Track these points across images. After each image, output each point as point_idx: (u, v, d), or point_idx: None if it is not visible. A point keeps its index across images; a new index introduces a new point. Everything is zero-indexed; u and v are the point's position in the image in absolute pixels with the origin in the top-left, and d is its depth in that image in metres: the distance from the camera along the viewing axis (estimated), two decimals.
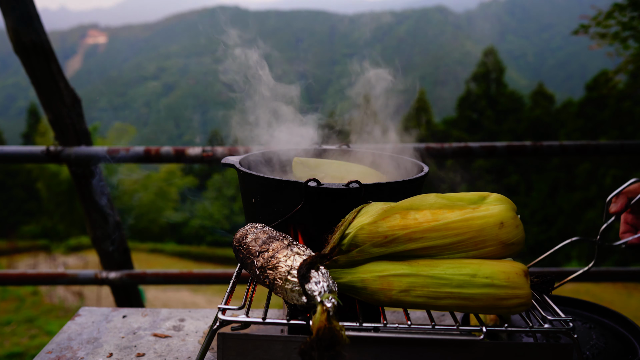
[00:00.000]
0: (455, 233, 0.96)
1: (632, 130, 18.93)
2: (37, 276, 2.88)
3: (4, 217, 28.31)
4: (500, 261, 0.97)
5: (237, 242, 1.06)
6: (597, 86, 21.81)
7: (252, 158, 1.42)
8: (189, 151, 2.51)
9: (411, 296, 0.93)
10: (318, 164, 1.42)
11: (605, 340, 1.31)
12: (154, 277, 2.82)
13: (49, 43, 2.47)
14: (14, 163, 5.02)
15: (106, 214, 2.82)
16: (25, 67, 2.48)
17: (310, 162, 1.42)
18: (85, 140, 2.64)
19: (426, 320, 1.55)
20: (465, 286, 0.92)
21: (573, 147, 2.70)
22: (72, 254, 21.64)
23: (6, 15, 2.36)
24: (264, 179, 1.13)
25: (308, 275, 0.83)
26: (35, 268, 17.25)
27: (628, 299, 11.33)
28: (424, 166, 1.29)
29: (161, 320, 1.51)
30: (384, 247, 0.95)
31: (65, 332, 1.42)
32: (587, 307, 1.47)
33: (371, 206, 1.01)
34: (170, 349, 1.34)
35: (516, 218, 1.00)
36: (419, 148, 2.56)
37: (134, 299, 3.01)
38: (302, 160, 1.42)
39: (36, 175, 25.71)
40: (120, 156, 2.53)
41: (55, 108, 2.54)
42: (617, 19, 4.21)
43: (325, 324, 0.74)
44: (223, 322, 0.92)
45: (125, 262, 2.93)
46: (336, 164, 1.43)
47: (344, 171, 1.41)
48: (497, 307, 0.93)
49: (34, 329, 8.55)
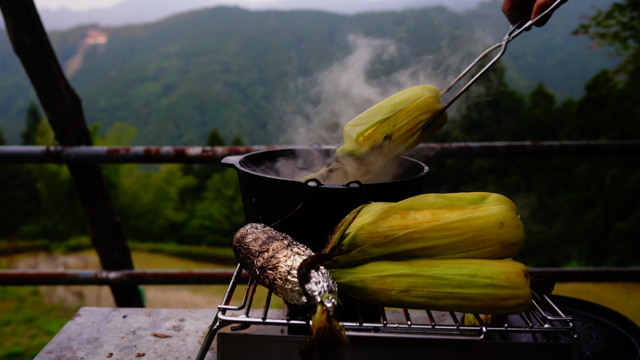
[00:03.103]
0: (455, 233, 0.96)
1: (632, 130, 18.92)
2: (37, 276, 2.88)
3: (4, 217, 28.33)
4: (500, 261, 0.97)
5: (237, 242, 1.06)
6: (597, 86, 21.79)
7: (252, 158, 1.42)
8: (189, 151, 2.51)
9: (411, 296, 0.93)
10: (369, 114, 1.37)
11: (605, 340, 1.31)
12: (154, 277, 2.82)
13: (49, 43, 2.47)
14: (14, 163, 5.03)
15: (106, 214, 2.82)
16: (25, 67, 2.48)
17: (363, 117, 1.37)
18: (85, 140, 2.64)
19: (426, 320, 1.55)
20: (465, 286, 0.92)
21: (573, 147, 2.70)
22: (72, 254, 21.65)
23: (6, 15, 2.36)
24: (264, 179, 1.13)
25: (308, 275, 0.83)
26: (35, 268, 17.26)
27: (628, 299, 11.33)
28: (424, 166, 1.29)
29: (161, 320, 1.51)
30: (384, 247, 0.95)
31: (65, 332, 1.42)
32: (587, 307, 1.47)
33: (371, 206, 1.01)
34: (170, 349, 1.34)
35: (516, 218, 1.00)
36: (419, 148, 2.56)
37: (134, 299, 3.01)
38: (352, 123, 1.37)
39: (36, 175, 25.72)
40: (120, 156, 2.53)
41: (55, 108, 2.54)
42: (617, 19, 4.21)
43: (325, 324, 0.74)
44: (223, 322, 0.92)
45: (125, 262, 2.93)
46: (384, 102, 1.38)
47: (393, 106, 1.35)
48: (497, 307, 0.93)
49: (34, 329, 8.55)
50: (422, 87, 1.35)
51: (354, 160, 1.32)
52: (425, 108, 1.31)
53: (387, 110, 1.31)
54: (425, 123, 1.31)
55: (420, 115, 1.31)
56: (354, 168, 1.33)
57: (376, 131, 1.30)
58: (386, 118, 1.30)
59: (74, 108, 2.59)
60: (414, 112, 1.31)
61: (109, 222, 2.83)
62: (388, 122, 1.30)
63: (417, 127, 1.31)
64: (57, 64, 2.52)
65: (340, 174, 1.37)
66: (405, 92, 1.36)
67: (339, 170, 1.38)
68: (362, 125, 1.32)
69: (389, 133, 1.28)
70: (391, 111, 1.30)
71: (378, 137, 1.29)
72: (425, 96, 1.32)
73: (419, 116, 1.30)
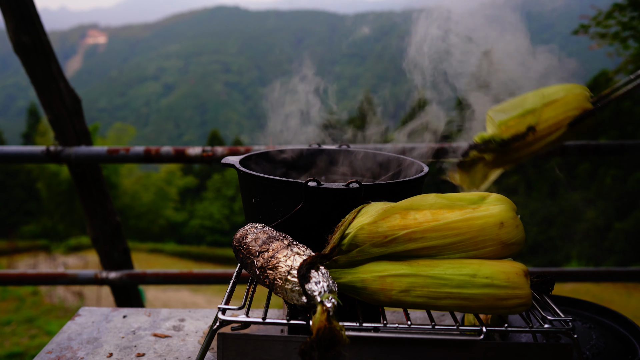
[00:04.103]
0: (455, 233, 0.96)
1: (632, 130, 18.90)
2: (37, 276, 2.88)
3: (4, 217, 28.31)
4: (500, 261, 0.97)
5: (237, 242, 1.06)
6: (597, 86, 21.78)
7: (252, 158, 1.42)
8: (189, 151, 2.51)
9: (411, 296, 0.93)
10: (515, 103, 1.33)
11: (605, 340, 1.31)
12: (154, 277, 2.81)
13: (49, 43, 2.47)
14: (14, 163, 5.02)
15: (106, 214, 2.82)
16: (25, 67, 2.48)
17: (505, 106, 1.34)
18: (85, 140, 2.64)
19: (426, 320, 1.55)
20: (465, 286, 0.92)
21: (573, 147, 2.70)
22: (72, 254, 21.65)
23: (6, 15, 2.36)
24: (264, 179, 1.13)
25: (308, 275, 0.83)
26: (35, 268, 17.25)
27: (628, 299, 11.32)
28: (424, 166, 1.29)
29: (161, 320, 1.51)
30: (384, 247, 0.95)
31: (65, 332, 1.42)
32: (587, 307, 1.47)
33: (371, 206, 1.01)
34: (170, 349, 1.34)
35: (516, 218, 1.00)
36: (419, 148, 2.56)
37: (134, 299, 3.01)
38: (496, 109, 1.34)
39: (36, 175, 25.73)
40: (120, 156, 2.53)
41: (55, 108, 2.54)
42: (617, 19, 4.21)
43: (325, 324, 0.74)
44: (223, 322, 0.92)
45: (125, 262, 2.93)
46: (531, 95, 1.34)
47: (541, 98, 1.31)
48: (497, 307, 0.93)
49: (34, 329, 8.55)
50: (573, 84, 1.31)
51: (493, 147, 1.27)
52: (575, 104, 1.27)
53: (535, 101, 1.27)
54: (574, 119, 1.25)
55: (568, 111, 1.26)
56: (493, 157, 1.28)
57: (520, 121, 1.25)
58: (533, 109, 1.25)
59: (74, 108, 2.59)
60: (562, 106, 1.26)
61: (109, 222, 2.83)
62: (534, 113, 1.25)
63: (563, 122, 1.26)
64: (57, 64, 2.52)
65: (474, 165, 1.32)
66: (555, 86, 1.31)
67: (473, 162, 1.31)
68: (507, 112, 1.28)
69: (534, 124, 1.23)
70: (539, 102, 1.26)
71: (522, 128, 1.24)
72: (576, 92, 1.28)
73: (567, 111, 1.26)
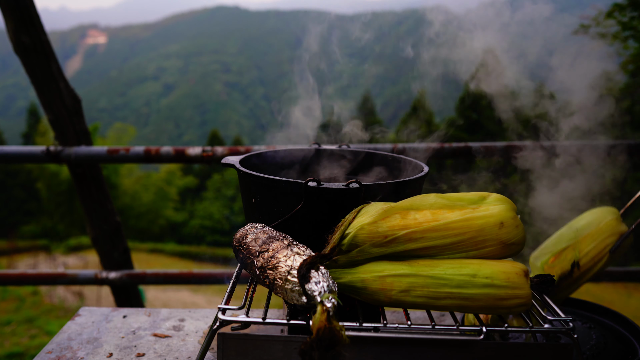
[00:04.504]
0: (455, 233, 0.96)
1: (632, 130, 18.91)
2: (37, 276, 2.88)
3: (4, 217, 28.30)
4: (500, 261, 0.97)
5: (237, 242, 1.06)
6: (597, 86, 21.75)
7: (252, 158, 1.42)
8: (189, 151, 2.51)
9: (411, 296, 0.93)
10: (551, 243, 1.39)
11: (605, 340, 1.31)
12: (154, 277, 2.81)
13: (49, 43, 2.47)
14: (14, 163, 5.02)
15: (106, 214, 2.82)
16: (25, 67, 2.48)
17: (546, 246, 1.40)
18: (85, 140, 2.64)
19: (426, 320, 1.55)
20: (465, 286, 0.92)
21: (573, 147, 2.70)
22: (72, 254, 21.64)
23: (6, 15, 2.36)
24: (264, 179, 1.13)
25: (308, 275, 0.83)
26: (35, 268, 17.25)
27: (628, 299, 11.31)
28: (424, 166, 1.29)
29: (161, 320, 1.51)
30: (384, 247, 0.95)
31: (65, 332, 1.42)
32: (587, 307, 1.47)
33: (371, 206, 1.01)
34: (170, 349, 1.34)
35: (516, 218, 1.00)
36: (418, 148, 2.56)
37: (134, 299, 3.01)
38: (536, 254, 1.40)
39: (36, 175, 25.71)
40: (120, 156, 2.53)
41: (55, 108, 2.53)
42: (617, 19, 4.21)
43: (325, 324, 0.74)
44: (223, 322, 0.92)
45: (125, 262, 2.93)
46: (565, 231, 1.41)
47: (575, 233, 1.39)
48: (497, 307, 0.93)
49: (34, 329, 8.55)
50: (601, 210, 1.38)
51: None
52: (610, 231, 1.33)
53: (569, 237, 1.34)
54: (613, 246, 1.32)
55: (606, 239, 1.32)
56: None
57: (559, 259, 1.31)
58: (568, 245, 1.32)
59: (74, 108, 2.59)
60: (598, 236, 1.32)
61: (108, 222, 2.83)
62: (572, 247, 1.31)
63: (604, 252, 1.31)
64: (57, 64, 2.52)
65: None
66: (585, 216, 1.38)
67: None
68: (545, 254, 1.34)
69: (577, 259, 1.29)
70: (574, 237, 1.33)
71: (565, 265, 1.30)
72: (608, 219, 1.34)
73: (604, 239, 1.32)
